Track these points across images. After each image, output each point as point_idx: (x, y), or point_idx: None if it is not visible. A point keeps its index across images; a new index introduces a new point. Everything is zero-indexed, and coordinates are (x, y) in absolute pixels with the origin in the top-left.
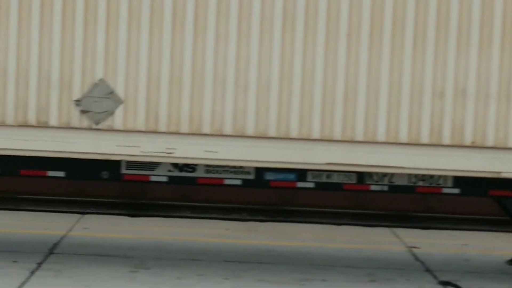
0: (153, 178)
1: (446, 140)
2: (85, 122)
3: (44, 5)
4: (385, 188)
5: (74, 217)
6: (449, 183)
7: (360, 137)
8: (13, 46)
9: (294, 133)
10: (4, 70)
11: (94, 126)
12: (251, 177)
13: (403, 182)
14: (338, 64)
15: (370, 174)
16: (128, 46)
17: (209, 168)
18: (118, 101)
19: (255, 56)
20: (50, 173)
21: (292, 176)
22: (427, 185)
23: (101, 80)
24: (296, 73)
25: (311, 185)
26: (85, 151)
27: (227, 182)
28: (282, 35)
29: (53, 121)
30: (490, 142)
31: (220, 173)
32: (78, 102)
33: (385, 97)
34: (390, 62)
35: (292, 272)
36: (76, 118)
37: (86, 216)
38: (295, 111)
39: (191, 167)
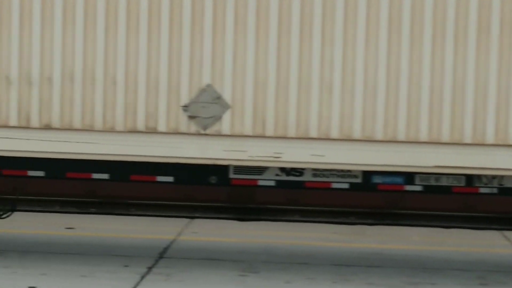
0: (261, 182)
1: None
2: (193, 128)
3: (151, 14)
4: (495, 190)
5: (183, 221)
6: None
7: (468, 139)
8: (122, 54)
9: (401, 136)
10: (114, 77)
11: (202, 131)
12: (358, 180)
13: None
14: (445, 67)
15: (479, 177)
16: (234, 51)
17: (316, 172)
18: (226, 106)
19: (361, 60)
20: (159, 178)
21: (399, 179)
22: None
23: (208, 85)
24: (402, 76)
25: (419, 188)
26: (193, 156)
27: (334, 185)
28: (388, 39)
29: (161, 127)
30: None
31: (327, 177)
32: (186, 107)
33: (493, 99)
34: (498, 63)
35: (401, 275)
36: (184, 124)
37: (195, 220)
38: (402, 114)
39: (299, 171)
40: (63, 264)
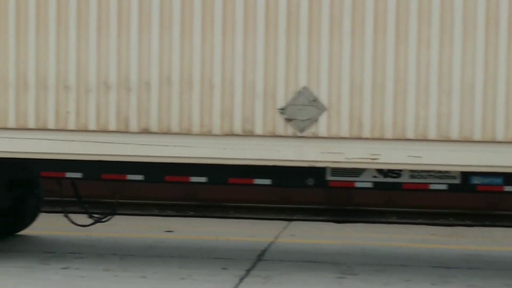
0: (358, 184)
1: None
2: (290, 130)
3: (246, 17)
4: None
5: (281, 224)
6: None
7: None
8: (218, 58)
9: (500, 136)
10: (210, 81)
11: (298, 134)
12: (457, 181)
13: None
14: None
15: None
16: (330, 54)
17: (414, 173)
18: (322, 108)
19: (458, 61)
20: (257, 181)
21: (499, 180)
22: None
23: (304, 88)
24: (500, 75)
25: None
26: (290, 159)
27: (432, 187)
28: (485, 38)
29: (258, 130)
30: None
31: (425, 178)
32: (282, 110)
33: None
34: None
35: (501, 277)
36: (281, 126)
37: (293, 222)
38: (501, 114)
39: (396, 173)
40: (162, 267)
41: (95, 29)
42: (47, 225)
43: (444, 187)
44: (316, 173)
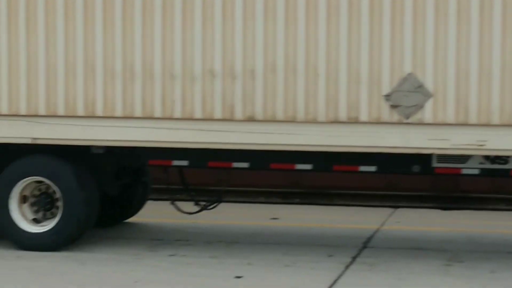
0: (464, 171)
1: None
2: (395, 117)
3: (351, 5)
4: None
5: (386, 211)
6: None
7: None
8: (323, 45)
9: None
10: (315, 68)
11: (404, 120)
12: None
13: None
14: None
15: None
16: (435, 39)
17: None
18: (428, 95)
19: None
20: (362, 168)
21: None
22: None
23: (410, 74)
24: None
25: None
26: (395, 146)
27: None
28: None
29: (363, 117)
30: None
31: None
32: (387, 96)
33: None
34: None
35: None
36: (386, 113)
37: (399, 209)
38: None
39: (503, 159)
40: (267, 254)
41: (200, 18)
42: (154, 213)
43: None
44: (422, 159)
